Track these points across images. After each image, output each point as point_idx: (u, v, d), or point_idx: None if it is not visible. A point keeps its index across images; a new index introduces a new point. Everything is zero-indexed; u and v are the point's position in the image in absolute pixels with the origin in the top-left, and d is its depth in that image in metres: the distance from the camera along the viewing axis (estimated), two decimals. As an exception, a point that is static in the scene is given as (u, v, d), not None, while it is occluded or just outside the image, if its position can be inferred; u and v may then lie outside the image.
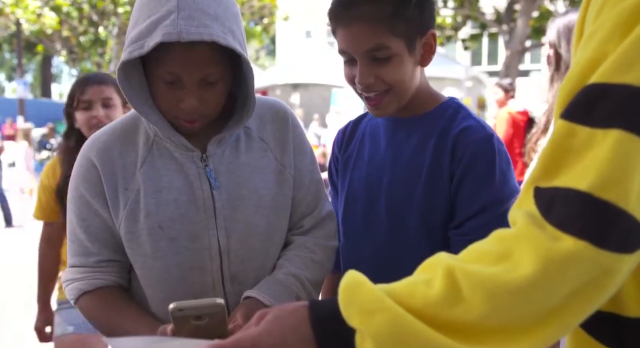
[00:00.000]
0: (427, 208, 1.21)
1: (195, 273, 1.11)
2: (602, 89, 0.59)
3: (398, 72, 1.19)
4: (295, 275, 1.14)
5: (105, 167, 1.11)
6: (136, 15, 1.05)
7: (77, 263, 1.14)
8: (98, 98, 1.86)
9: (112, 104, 1.88)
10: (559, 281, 0.58)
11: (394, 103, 1.23)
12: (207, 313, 0.89)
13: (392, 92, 1.21)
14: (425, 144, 1.26)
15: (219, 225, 1.12)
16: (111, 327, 1.12)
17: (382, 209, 1.28)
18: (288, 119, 1.22)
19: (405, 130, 1.29)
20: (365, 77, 1.19)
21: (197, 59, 1.02)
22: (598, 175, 0.57)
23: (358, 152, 1.37)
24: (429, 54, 1.23)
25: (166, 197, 1.10)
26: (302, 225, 1.22)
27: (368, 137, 1.37)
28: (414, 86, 1.24)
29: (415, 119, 1.28)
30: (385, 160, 1.30)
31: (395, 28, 1.15)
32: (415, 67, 1.22)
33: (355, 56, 1.19)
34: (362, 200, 1.32)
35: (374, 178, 1.30)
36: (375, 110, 1.25)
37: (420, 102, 1.28)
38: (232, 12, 1.06)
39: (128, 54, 1.03)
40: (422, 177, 1.24)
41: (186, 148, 1.12)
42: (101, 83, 1.90)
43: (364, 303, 0.64)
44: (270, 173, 1.17)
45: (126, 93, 1.07)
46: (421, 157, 1.25)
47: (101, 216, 1.12)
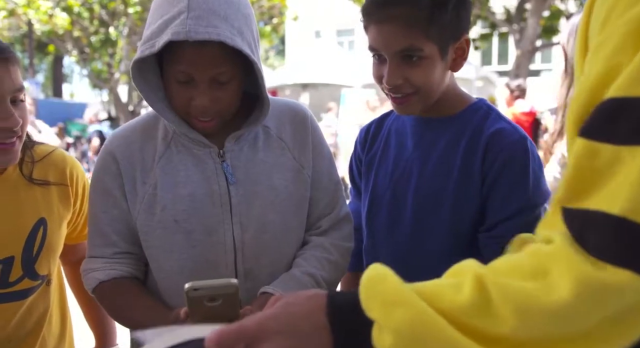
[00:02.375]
0: (456, 210, 1.20)
1: (209, 267, 1.13)
2: (622, 104, 0.56)
3: (427, 75, 1.17)
4: (312, 274, 1.15)
5: (125, 161, 1.15)
6: (150, 16, 1.08)
7: (96, 253, 1.18)
8: None
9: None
10: (596, 308, 0.55)
11: (419, 104, 1.22)
12: (221, 294, 0.91)
13: (418, 94, 1.19)
14: (455, 145, 1.24)
15: (235, 220, 1.13)
16: (126, 316, 1.16)
17: (408, 210, 1.27)
18: (307, 120, 1.24)
19: (434, 131, 1.27)
20: (394, 78, 1.17)
21: (206, 58, 1.04)
22: (630, 198, 0.53)
23: (383, 152, 1.36)
24: (461, 59, 1.22)
25: (182, 191, 1.12)
26: (319, 225, 1.23)
27: (394, 136, 1.35)
28: (441, 90, 1.22)
29: (445, 120, 1.27)
30: (413, 161, 1.28)
31: (429, 31, 1.14)
32: (445, 72, 1.21)
33: (386, 55, 1.17)
34: (387, 201, 1.31)
35: (400, 180, 1.29)
36: (399, 108, 1.25)
37: (449, 103, 1.26)
38: (243, 13, 1.07)
39: (140, 53, 1.06)
40: (452, 179, 1.22)
41: (203, 144, 1.14)
42: None
43: (387, 295, 0.62)
44: (287, 171, 1.18)
45: (142, 91, 1.11)
46: (451, 158, 1.24)
47: (120, 208, 1.15)
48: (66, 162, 1.30)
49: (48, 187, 1.25)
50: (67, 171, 1.29)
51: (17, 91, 1.12)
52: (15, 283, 1.20)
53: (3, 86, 1.09)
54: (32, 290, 1.23)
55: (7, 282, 1.19)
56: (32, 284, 1.22)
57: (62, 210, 1.28)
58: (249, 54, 1.05)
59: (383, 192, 1.32)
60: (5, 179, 1.20)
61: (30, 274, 1.22)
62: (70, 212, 1.30)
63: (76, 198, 1.31)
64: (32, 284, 1.22)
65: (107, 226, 1.17)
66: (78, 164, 1.34)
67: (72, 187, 1.29)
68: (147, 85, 1.12)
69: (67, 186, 1.28)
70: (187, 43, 1.02)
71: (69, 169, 1.29)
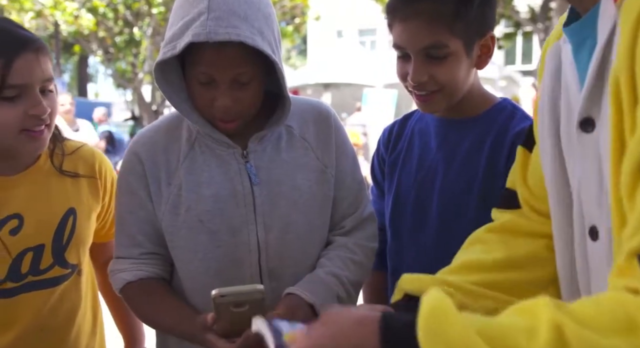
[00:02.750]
0: (483, 212, 1.17)
1: (233, 267, 1.13)
2: None
3: (452, 72, 1.16)
4: (336, 274, 1.14)
5: (150, 162, 1.16)
6: (172, 17, 1.08)
7: (122, 254, 1.19)
8: None
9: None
10: None
11: (444, 102, 1.21)
12: (247, 300, 0.92)
13: (443, 92, 1.18)
14: (480, 146, 1.23)
15: (258, 220, 1.14)
16: (152, 317, 1.18)
17: (433, 212, 1.26)
18: (330, 120, 1.23)
19: (457, 132, 1.26)
20: (418, 75, 1.16)
21: (227, 59, 1.04)
22: None
23: (406, 153, 1.34)
24: (486, 57, 1.20)
25: (206, 191, 1.13)
26: (343, 225, 1.23)
27: (417, 137, 1.34)
28: (466, 88, 1.21)
29: (469, 120, 1.25)
30: (437, 162, 1.27)
31: (455, 27, 1.12)
32: (470, 69, 1.20)
33: (411, 52, 1.16)
34: (411, 202, 1.30)
35: (424, 180, 1.28)
36: (423, 106, 1.23)
37: (473, 103, 1.25)
38: (264, 13, 1.07)
39: (162, 55, 1.07)
40: (477, 181, 1.21)
41: (227, 145, 1.15)
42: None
43: (451, 341, 0.55)
44: (311, 171, 1.18)
45: (165, 92, 1.11)
46: (476, 159, 1.22)
47: (146, 209, 1.16)
48: (95, 156, 1.34)
49: (78, 179, 1.29)
50: (96, 165, 1.33)
51: (47, 81, 1.16)
52: (46, 271, 1.23)
53: (33, 75, 1.12)
54: (62, 278, 1.26)
55: (38, 269, 1.22)
56: (62, 272, 1.25)
57: (92, 202, 1.31)
58: (269, 53, 1.05)
59: (407, 192, 1.31)
60: (37, 169, 1.25)
61: (60, 262, 1.25)
62: (99, 204, 1.34)
63: (105, 193, 1.34)
64: (62, 272, 1.25)
65: (133, 227, 1.18)
66: (106, 159, 1.38)
67: (100, 180, 1.33)
68: (170, 86, 1.13)
69: (96, 179, 1.32)
70: (208, 44, 1.02)
71: (97, 163, 1.33)
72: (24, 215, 1.20)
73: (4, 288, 1.19)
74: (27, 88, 1.13)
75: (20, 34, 1.14)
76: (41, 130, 1.17)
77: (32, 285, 1.22)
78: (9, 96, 1.11)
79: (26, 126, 1.14)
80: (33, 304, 1.22)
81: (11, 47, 1.10)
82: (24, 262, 1.20)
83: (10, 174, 1.21)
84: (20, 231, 1.19)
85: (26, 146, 1.17)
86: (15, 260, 1.19)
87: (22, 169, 1.23)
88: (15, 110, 1.12)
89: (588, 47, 0.74)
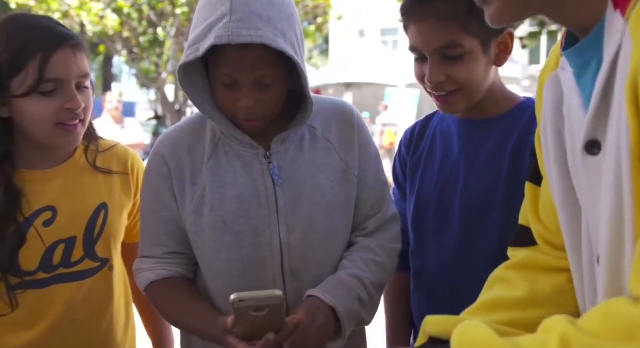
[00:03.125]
0: (508, 214, 1.16)
1: (256, 267, 1.14)
2: None
3: (470, 71, 1.15)
4: (358, 276, 1.14)
5: (174, 162, 1.17)
6: (196, 19, 1.09)
7: (147, 253, 1.21)
8: None
9: None
10: None
11: (464, 102, 1.19)
12: (266, 305, 0.92)
13: (462, 91, 1.17)
14: (503, 146, 1.21)
15: (281, 221, 1.14)
16: (175, 316, 1.20)
17: (455, 213, 1.25)
18: (354, 120, 1.23)
19: (480, 133, 1.25)
20: (435, 75, 1.15)
21: (249, 61, 1.05)
22: None
23: (428, 154, 1.33)
24: (505, 54, 1.19)
25: (230, 192, 1.14)
26: (366, 226, 1.22)
27: (439, 138, 1.32)
28: (486, 86, 1.19)
29: (491, 120, 1.24)
30: (459, 163, 1.26)
31: (469, 25, 1.11)
32: (489, 67, 1.18)
33: (426, 53, 1.16)
34: (434, 203, 1.29)
35: (447, 182, 1.27)
36: (443, 106, 1.22)
37: (495, 103, 1.23)
38: (286, 14, 1.07)
39: (185, 57, 1.07)
40: (501, 182, 1.20)
41: (250, 146, 1.15)
42: None
43: (474, 342, 0.59)
44: (334, 172, 1.18)
45: (188, 94, 1.13)
46: (499, 160, 1.21)
47: (170, 209, 1.17)
48: (128, 155, 1.38)
49: (111, 176, 1.32)
50: (129, 163, 1.37)
51: (82, 77, 1.20)
52: (77, 263, 1.26)
53: (69, 70, 1.17)
54: (92, 272, 1.29)
55: (69, 261, 1.25)
56: (92, 265, 1.28)
57: (124, 198, 1.34)
58: (291, 55, 1.05)
59: (429, 194, 1.30)
60: (72, 164, 1.29)
61: (91, 255, 1.28)
62: (131, 201, 1.37)
63: (137, 190, 1.36)
64: (92, 265, 1.28)
65: (157, 226, 1.20)
66: (139, 158, 1.41)
67: (132, 177, 1.36)
68: (193, 87, 1.14)
69: (128, 175, 1.35)
70: (230, 46, 1.03)
71: (130, 161, 1.37)
72: (57, 207, 1.24)
73: (37, 279, 1.22)
74: (63, 83, 1.17)
75: (58, 31, 1.18)
76: (75, 124, 1.20)
77: (62, 277, 1.25)
78: (46, 90, 1.15)
79: (61, 120, 1.18)
80: (63, 296, 1.25)
81: (50, 43, 1.15)
82: (56, 254, 1.23)
83: (46, 167, 1.25)
84: (53, 223, 1.23)
85: (60, 140, 1.21)
86: (47, 251, 1.22)
87: (58, 164, 1.27)
88: (52, 104, 1.16)
89: (593, 68, 0.72)
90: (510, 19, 0.76)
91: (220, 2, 1.05)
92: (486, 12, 0.75)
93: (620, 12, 0.65)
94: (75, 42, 1.18)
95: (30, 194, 1.21)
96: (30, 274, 1.21)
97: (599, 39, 0.69)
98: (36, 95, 1.15)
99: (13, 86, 1.15)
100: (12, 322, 1.22)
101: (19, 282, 1.20)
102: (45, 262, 1.23)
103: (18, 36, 1.15)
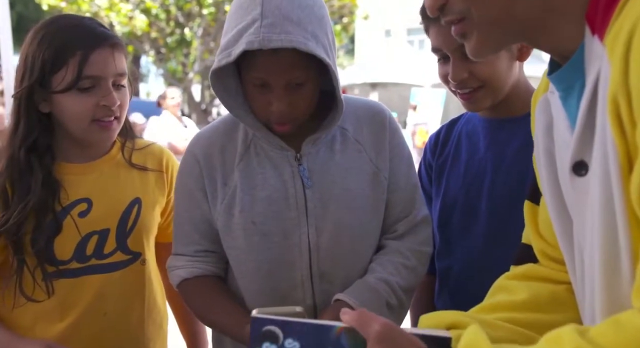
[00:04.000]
0: None
1: (285, 269, 1.14)
2: None
3: (492, 67, 1.16)
4: (387, 280, 1.13)
5: (207, 162, 1.18)
6: (228, 23, 1.10)
7: (180, 251, 1.23)
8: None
9: None
10: None
11: (488, 98, 1.19)
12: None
13: (486, 88, 1.18)
14: (530, 145, 1.20)
15: (310, 223, 1.14)
16: (206, 315, 1.21)
17: (482, 213, 1.24)
18: (386, 121, 1.22)
19: (506, 132, 1.24)
20: (458, 73, 1.16)
21: (281, 65, 1.05)
22: None
23: (454, 156, 1.33)
24: (527, 49, 1.19)
25: (260, 193, 1.14)
26: (396, 229, 1.21)
27: (465, 139, 1.32)
28: (510, 82, 1.19)
29: (517, 119, 1.23)
30: (486, 163, 1.25)
31: None
32: (512, 63, 1.18)
33: (448, 52, 1.17)
34: (460, 204, 1.28)
35: (473, 182, 1.27)
36: (468, 104, 1.22)
37: (521, 101, 1.22)
38: (317, 16, 1.07)
39: (217, 62, 1.08)
40: (528, 181, 1.19)
41: (281, 147, 1.16)
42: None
43: None
44: (364, 174, 1.17)
45: (221, 97, 1.14)
46: (526, 159, 1.20)
47: (202, 208, 1.19)
48: (163, 153, 1.43)
49: (145, 173, 1.37)
50: (164, 161, 1.41)
51: (119, 76, 1.25)
52: (109, 255, 1.30)
53: (107, 68, 1.22)
54: (123, 264, 1.32)
55: (102, 253, 1.29)
56: (124, 258, 1.32)
57: (157, 194, 1.38)
58: (323, 57, 1.05)
59: (455, 195, 1.30)
60: (109, 159, 1.34)
61: (123, 248, 1.31)
62: (164, 198, 1.40)
63: (170, 188, 1.40)
64: (124, 258, 1.32)
65: (189, 225, 1.21)
66: (174, 157, 1.45)
67: (167, 175, 1.40)
68: (225, 91, 1.15)
69: (162, 173, 1.39)
70: (261, 50, 1.03)
71: (165, 159, 1.41)
72: (92, 200, 1.28)
73: (70, 268, 1.26)
74: (101, 80, 1.21)
75: (98, 31, 1.23)
76: (110, 121, 1.25)
77: (94, 268, 1.28)
78: (84, 87, 1.20)
79: (97, 116, 1.23)
80: (94, 287, 1.28)
81: (90, 42, 1.20)
82: (89, 245, 1.27)
83: (83, 161, 1.31)
84: (88, 214, 1.27)
85: (96, 136, 1.26)
86: (81, 241, 1.26)
87: (95, 158, 1.32)
88: (89, 101, 1.21)
89: (577, 91, 0.73)
90: (491, 50, 0.78)
91: (251, 7, 1.05)
92: (467, 46, 0.77)
93: (597, 37, 0.66)
94: (114, 42, 1.23)
95: (68, 186, 1.26)
96: (64, 263, 1.25)
97: (580, 64, 0.70)
98: (75, 91, 1.20)
99: (54, 82, 1.20)
100: (44, 312, 1.26)
101: (54, 270, 1.24)
102: (79, 252, 1.26)
103: (61, 35, 1.20)
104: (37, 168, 1.22)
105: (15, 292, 1.24)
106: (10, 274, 1.24)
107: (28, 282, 1.23)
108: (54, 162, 1.26)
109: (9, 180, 1.22)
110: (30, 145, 1.22)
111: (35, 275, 1.22)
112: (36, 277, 1.22)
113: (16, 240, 1.20)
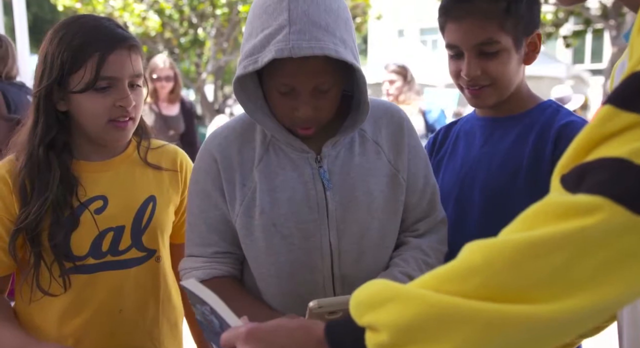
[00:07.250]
0: (527, 205, 1.18)
1: (306, 271, 1.13)
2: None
3: (503, 67, 1.21)
4: (411, 275, 1.13)
5: (224, 162, 1.16)
6: (250, 26, 1.06)
7: (196, 253, 1.20)
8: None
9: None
10: (586, 249, 0.52)
11: (494, 97, 1.25)
12: (341, 308, 0.95)
13: (494, 86, 1.23)
14: (524, 139, 1.26)
15: (331, 225, 1.13)
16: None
17: (475, 206, 1.28)
18: (403, 123, 1.22)
19: (502, 129, 1.29)
20: (473, 70, 1.21)
21: (309, 71, 1.03)
22: (638, 144, 0.51)
23: (451, 153, 1.38)
24: (533, 53, 1.25)
25: (280, 195, 1.13)
26: (417, 228, 1.22)
27: (462, 138, 1.37)
28: (516, 83, 1.25)
29: (513, 117, 1.29)
30: (481, 158, 1.30)
31: (506, 24, 1.18)
32: (520, 65, 1.24)
33: (464, 49, 1.21)
34: (454, 197, 1.32)
35: (467, 176, 1.31)
36: (475, 99, 1.28)
37: (520, 101, 1.28)
38: (343, 19, 1.05)
39: (243, 68, 1.05)
40: (520, 177, 1.24)
41: (302, 149, 1.14)
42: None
43: (373, 296, 0.64)
44: (383, 176, 1.17)
45: (241, 101, 1.12)
46: (518, 155, 1.26)
47: (220, 209, 1.17)
48: (177, 153, 1.45)
49: (160, 172, 1.39)
50: (178, 161, 1.43)
51: (135, 76, 1.27)
52: (124, 252, 1.31)
53: (123, 69, 1.24)
54: (137, 261, 1.33)
55: (117, 249, 1.31)
56: (138, 255, 1.33)
57: (172, 193, 1.40)
58: (353, 62, 1.04)
59: (450, 189, 1.34)
60: (125, 157, 1.37)
61: (138, 245, 1.33)
62: (179, 197, 1.41)
63: (185, 187, 1.41)
64: (138, 255, 1.33)
65: (206, 226, 1.19)
66: (188, 157, 1.46)
67: (181, 174, 1.42)
68: (246, 94, 1.13)
69: (177, 172, 1.41)
70: (290, 57, 1.01)
71: (179, 158, 1.43)
72: (108, 197, 1.30)
73: (86, 264, 1.27)
74: (117, 81, 1.24)
75: (116, 32, 1.25)
76: (125, 121, 1.27)
77: (109, 264, 1.30)
78: (101, 87, 1.22)
79: (113, 116, 1.25)
80: (108, 283, 1.30)
81: (108, 44, 1.22)
82: (105, 241, 1.29)
83: (100, 159, 1.33)
84: (103, 211, 1.29)
85: (111, 135, 1.28)
86: (97, 237, 1.28)
87: (111, 157, 1.34)
88: (105, 101, 1.23)
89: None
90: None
91: (277, 11, 1.02)
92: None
93: None
94: (131, 43, 1.25)
95: (85, 183, 1.28)
96: (80, 259, 1.27)
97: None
98: (92, 91, 1.22)
99: (72, 82, 1.22)
100: (60, 308, 1.28)
101: (71, 266, 1.26)
102: (95, 248, 1.28)
103: (79, 36, 1.22)
104: (56, 165, 1.24)
105: (32, 286, 1.26)
106: (27, 269, 1.26)
107: (45, 277, 1.25)
108: (72, 160, 1.28)
109: (28, 177, 1.24)
110: (49, 142, 1.25)
111: (52, 270, 1.24)
112: (53, 271, 1.25)
113: (34, 235, 1.23)
